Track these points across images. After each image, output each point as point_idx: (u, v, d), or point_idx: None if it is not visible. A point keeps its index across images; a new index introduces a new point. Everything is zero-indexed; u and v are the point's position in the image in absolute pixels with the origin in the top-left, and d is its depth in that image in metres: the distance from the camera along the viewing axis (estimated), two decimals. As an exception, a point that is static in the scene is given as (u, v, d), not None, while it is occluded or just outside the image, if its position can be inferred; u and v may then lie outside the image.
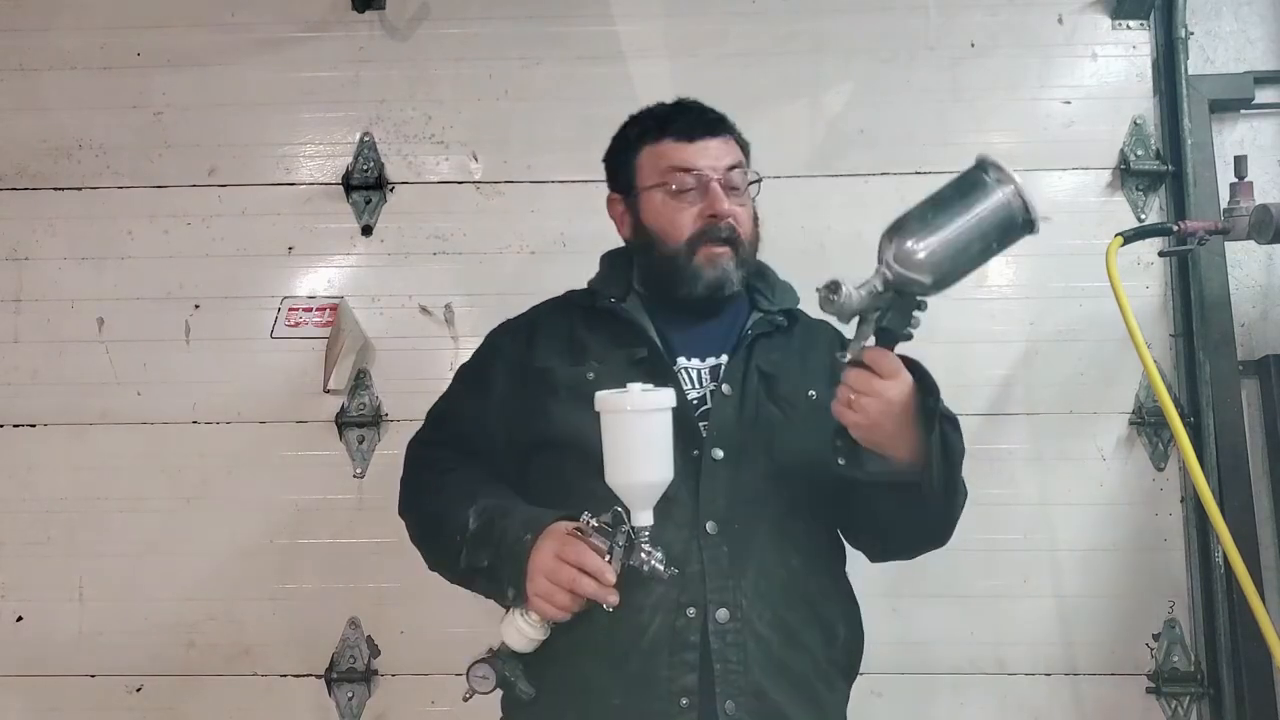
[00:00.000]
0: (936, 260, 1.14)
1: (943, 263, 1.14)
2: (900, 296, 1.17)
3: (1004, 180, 1.14)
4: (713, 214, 1.38)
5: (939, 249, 1.14)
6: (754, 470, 1.32)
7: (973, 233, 1.14)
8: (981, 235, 1.14)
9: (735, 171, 1.42)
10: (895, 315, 1.18)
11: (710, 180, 1.39)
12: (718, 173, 1.40)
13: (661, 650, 1.25)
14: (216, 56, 2.20)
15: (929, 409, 1.20)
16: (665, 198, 1.41)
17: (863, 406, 1.18)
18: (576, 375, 1.37)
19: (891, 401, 1.18)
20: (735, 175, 1.42)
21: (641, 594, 1.24)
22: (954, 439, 1.27)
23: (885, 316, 1.18)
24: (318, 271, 2.17)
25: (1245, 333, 2.13)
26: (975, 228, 1.14)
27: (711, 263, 1.39)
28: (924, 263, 1.14)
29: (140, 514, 2.09)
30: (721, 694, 1.24)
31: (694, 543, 1.28)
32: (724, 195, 1.39)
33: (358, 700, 2.04)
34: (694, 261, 1.39)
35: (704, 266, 1.38)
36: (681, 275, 1.40)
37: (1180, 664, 2.01)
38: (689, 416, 1.33)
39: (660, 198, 1.41)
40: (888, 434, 1.20)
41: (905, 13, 2.19)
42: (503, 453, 1.42)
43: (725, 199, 1.38)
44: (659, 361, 1.37)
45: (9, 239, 2.18)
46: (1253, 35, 2.22)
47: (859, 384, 1.18)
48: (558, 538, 1.23)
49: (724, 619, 1.25)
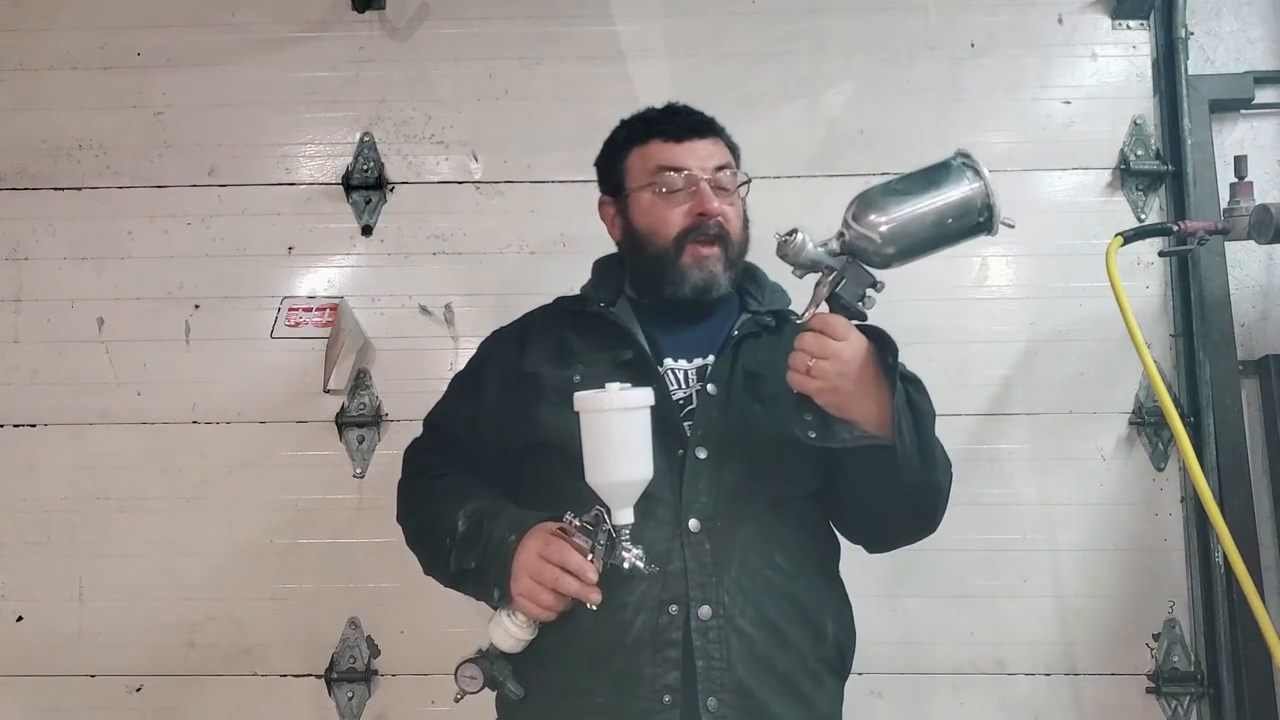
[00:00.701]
0: (894, 229, 1.18)
1: (900, 234, 1.18)
2: (855, 264, 1.19)
3: (976, 175, 1.19)
4: (701, 212, 1.39)
5: (899, 218, 1.18)
6: (738, 469, 1.33)
7: (934, 214, 1.18)
8: (941, 219, 1.18)
9: (724, 172, 1.43)
10: (849, 284, 1.20)
11: (699, 180, 1.40)
12: (706, 173, 1.41)
13: (645, 648, 1.26)
14: (216, 56, 2.20)
15: (889, 366, 1.21)
16: (654, 198, 1.42)
17: (820, 370, 1.19)
18: (563, 378, 1.38)
19: (846, 361, 1.19)
20: (724, 176, 1.43)
21: (625, 592, 1.26)
22: (919, 399, 1.29)
23: (840, 283, 1.19)
24: (318, 271, 2.17)
25: (1245, 333, 2.13)
26: (937, 210, 1.18)
27: (699, 264, 1.40)
28: (881, 227, 1.17)
29: (140, 514, 2.09)
30: (703, 691, 1.25)
31: (677, 541, 1.29)
32: (712, 195, 1.40)
33: (358, 700, 2.04)
34: (681, 261, 1.40)
35: (691, 268, 1.40)
36: (669, 275, 1.41)
37: (1180, 664, 2.00)
38: (673, 416, 1.34)
39: (649, 198, 1.43)
40: (849, 395, 1.21)
41: (905, 13, 2.19)
42: (496, 457, 1.44)
43: (714, 198, 1.39)
44: (644, 363, 1.38)
45: (9, 239, 2.18)
46: (1253, 35, 2.22)
47: (812, 347, 1.19)
48: (541, 538, 1.25)
49: (706, 616, 1.26)
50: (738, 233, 1.43)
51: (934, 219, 1.19)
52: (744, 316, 1.45)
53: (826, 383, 1.20)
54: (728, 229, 1.41)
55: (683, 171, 1.40)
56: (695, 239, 1.39)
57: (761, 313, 1.45)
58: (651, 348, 1.41)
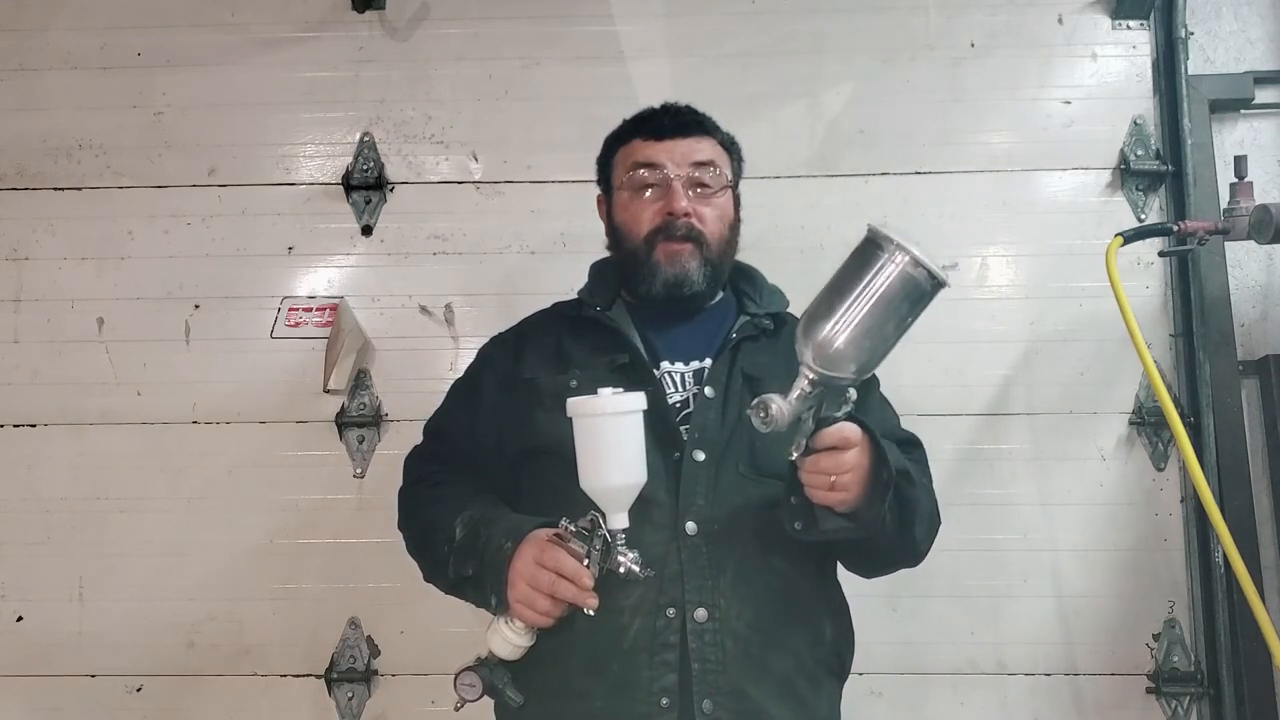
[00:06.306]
0: (855, 352, 1.11)
1: (861, 352, 1.12)
2: (829, 389, 1.16)
3: (898, 251, 1.09)
4: (670, 211, 1.39)
5: (855, 340, 1.11)
6: (735, 472, 1.33)
7: (884, 313, 1.10)
8: (894, 313, 1.11)
9: (706, 170, 1.42)
10: (829, 404, 1.17)
11: (670, 179, 1.40)
12: (680, 169, 1.40)
13: (642, 651, 1.26)
14: (216, 56, 2.21)
15: (883, 481, 1.20)
16: (630, 195, 1.43)
17: (845, 484, 1.18)
18: (560, 383, 1.38)
19: (866, 467, 1.19)
20: (706, 174, 1.42)
21: (621, 596, 1.25)
22: (909, 493, 1.28)
23: (821, 409, 1.17)
24: (318, 271, 2.17)
25: (1245, 333, 2.13)
26: (885, 308, 1.10)
27: (670, 259, 1.40)
28: (844, 357, 1.11)
29: (140, 514, 2.09)
30: (699, 693, 1.24)
31: (673, 544, 1.28)
32: (683, 193, 1.39)
33: (358, 700, 2.04)
34: (653, 257, 1.40)
35: (662, 263, 1.40)
36: (641, 272, 1.41)
37: (1180, 664, 2.00)
38: (670, 420, 1.34)
39: (626, 195, 1.44)
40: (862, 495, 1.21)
41: (905, 13, 2.19)
42: (495, 463, 1.44)
43: (684, 197, 1.39)
44: (640, 366, 1.38)
45: (9, 239, 2.18)
46: (1253, 35, 2.22)
47: (833, 466, 1.17)
48: (537, 544, 1.24)
49: (702, 619, 1.26)
50: (716, 232, 1.42)
51: (894, 323, 1.11)
52: (742, 319, 1.44)
53: (851, 493, 1.19)
54: (700, 229, 1.40)
55: (655, 169, 1.41)
56: (665, 238, 1.40)
57: (759, 315, 1.45)
58: (648, 351, 1.40)
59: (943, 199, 2.13)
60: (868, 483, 1.20)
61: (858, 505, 1.21)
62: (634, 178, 1.43)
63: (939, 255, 2.05)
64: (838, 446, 1.17)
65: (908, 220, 2.10)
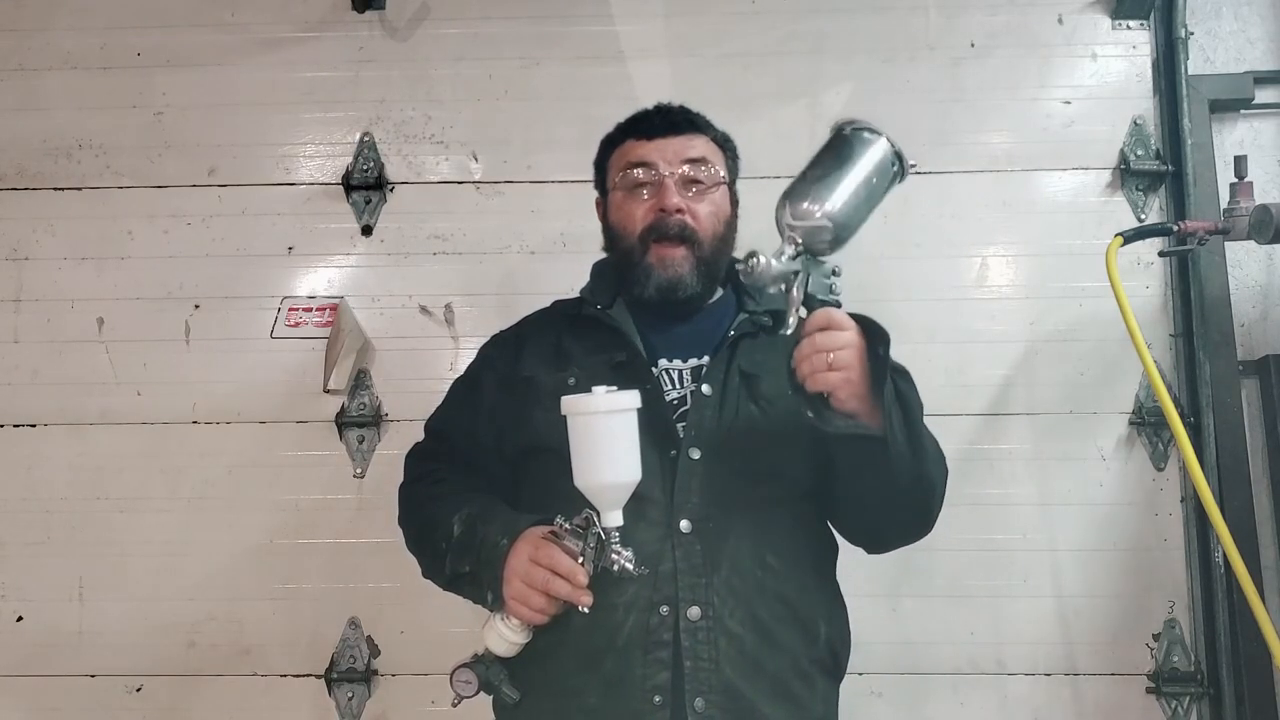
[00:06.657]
0: (836, 210, 1.20)
1: (843, 213, 1.20)
2: (812, 259, 1.21)
3: (874, 133, 1.24)
4: (661, 208, 1.39)
5: (837, 200, 1.20)
6: (731, 470, 1.32)
7: (862, 183, 1.22)
8: (868, 183, 1.22)
9: (698, 167, 1.42)
10: (814, 280, 1.21)
11: (662, 176, 1.40)
12: (672, 167, 1.40)
13: (635, 649, 1.26)
14: (216, 56, 2.21)
15: (879, 358, 1.19)
16: (624, 195, 1.44)
17: (842, 360, 1.17)
18: (558, 382, 1.38)
19: (861, 345, 1.19)
20: (698, 171, 1.42)
21: (616, 593, 1.26)
22: (907, 389, 1.28)
23: (807, 283, 1.20)
24: (318, 271, 2.17)
25: (1245, 333, 2.13)
26: (865, 177, 1.22)
27: (663, 264, 1.39)
28: (826, 213, 1.19)
29: (140, 514, 2.10)
30: (691, 691, 1.25)
31: (668, 542, 1.28)
32: (674, 190, 1.39)
33: (358, 700, 2.04)
34: (646, 259, 1.40)
35: (655, 267, 1.40)
36: (636, 274, 1.41)
37: (1180, 664, 2.00)
38: (666, 417, 1.34)
39: (621, 196, 1.44)
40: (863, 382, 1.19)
41: (905, 13, 2.19)
42: (495, 461, 1.45)
43: (675, 194, 1.39)
44: (638, 364, 1.38)
45: (9, 239, 2.18)
46: (1253, 35, 2.22)
47: (828, 342, 1.17)
48: (532, 541, 1.25)
49: (695, 617, 1.26)
50: (710, 229, 1.42)
51: (864, 187, 1.22)
52: (741, 316, 1.44)
53: (852, 370, 1.18)
54: (694, 227, 1.40)
55: (648, 168, 1.41)
56: (657, 238, 1.39)
57: (759, 313, 1.44)
58: (647, 349, 1.40)
59: (943, 199, 2.13)
60: (865, 365, 1.19)
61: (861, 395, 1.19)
62: (627, 178, 1.43)
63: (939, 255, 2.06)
64: (830, 327, 1.18)
65: (908, 220, 2.10)
